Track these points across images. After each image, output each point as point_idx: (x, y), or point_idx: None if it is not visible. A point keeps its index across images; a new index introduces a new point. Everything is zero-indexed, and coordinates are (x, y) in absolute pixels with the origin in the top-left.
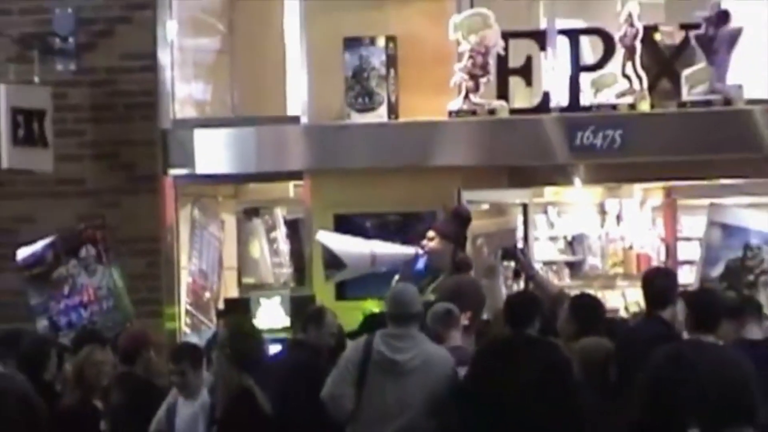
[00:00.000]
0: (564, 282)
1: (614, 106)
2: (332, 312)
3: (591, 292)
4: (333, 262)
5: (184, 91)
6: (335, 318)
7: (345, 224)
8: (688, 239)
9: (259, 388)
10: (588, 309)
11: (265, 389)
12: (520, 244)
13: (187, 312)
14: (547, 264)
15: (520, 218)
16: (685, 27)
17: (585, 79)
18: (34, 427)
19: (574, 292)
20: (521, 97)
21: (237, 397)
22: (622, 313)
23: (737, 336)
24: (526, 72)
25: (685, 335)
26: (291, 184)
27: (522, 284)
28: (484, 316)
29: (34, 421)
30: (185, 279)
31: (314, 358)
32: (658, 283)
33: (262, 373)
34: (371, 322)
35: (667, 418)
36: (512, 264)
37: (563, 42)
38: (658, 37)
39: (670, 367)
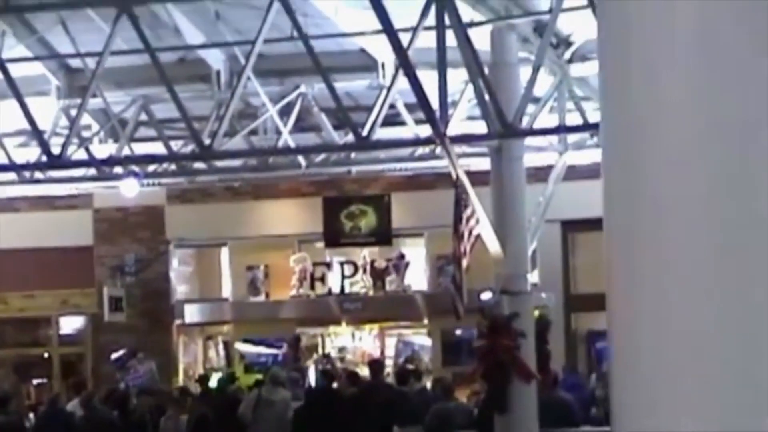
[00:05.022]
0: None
1: (358, 293)
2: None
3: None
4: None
5: (180, 289)
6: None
7: (251, 341)
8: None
9: (212, 414)
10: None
11: (217, 413)
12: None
13: (183, 380)
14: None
15: (320, 341)
16: (389, 260)
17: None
18: (114, 429)
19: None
20: (320, 290)
21: (199, 418)
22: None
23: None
24: (322, 280)
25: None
26: (225, 327)
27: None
28: None
29: (113, 425)
30: (182, 367)
31: (237, 398)
32: (377, 365)
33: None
34: (257, 381)
35: (386, 424)
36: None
37: (337, 269)
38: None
39: (388, 402)
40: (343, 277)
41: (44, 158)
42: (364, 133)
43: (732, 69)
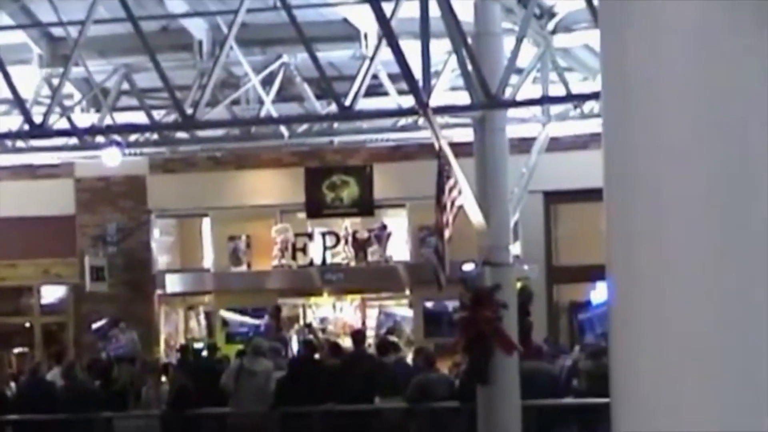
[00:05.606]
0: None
1: (340, 264)
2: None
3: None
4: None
5: (162, 259)
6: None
7: (234, 311)
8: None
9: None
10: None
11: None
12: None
13: (165, 350)
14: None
15: (301, 311)
16: (371, 231)
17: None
18: (95, 398)
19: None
20: (301, 261)
21: (180, 388)
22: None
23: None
24: (303, 250)
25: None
26: (206, 297)
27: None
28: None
29: (94, 395)
30: (163, 337)
31: (219, 368)
32: (360, 335)
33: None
34: (239, 352)
35: (368, 395)
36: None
37: (319, 240)
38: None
39: (370, 373)
40: (325, 247)
41: (26, 127)
42: (347, 103)
43: (732, 68)
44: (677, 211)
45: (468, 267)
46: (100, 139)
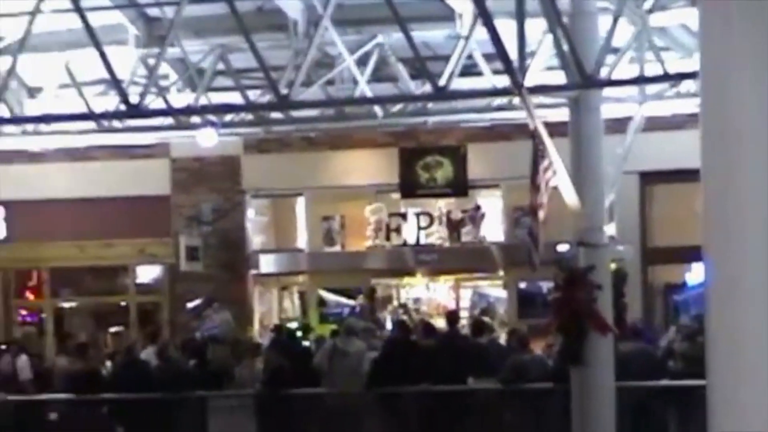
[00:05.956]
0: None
1: (433, 244)
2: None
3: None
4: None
5: (256, 239)
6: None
7: (328, 290)
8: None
9: (288, 364)
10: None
11: (292, 363)
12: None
13: (258, 330)
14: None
15: (395, 292)
16: (465, 211)
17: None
18: (189, 378)
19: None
20: (395, 241)
21: (275, 368)
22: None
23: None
24: (397, 231)
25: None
26: (300, 277)
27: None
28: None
29: (188, 374)
30: (257, 317)
31: (313, 348)
32: (454, 316)
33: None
34: (333, 332)
35: (466, 375)
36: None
37: (413, 220)
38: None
39: (464, 354)
40: (419, 228)
41: (122, 107)
42: (442, 83)
43: None
44: None
45: (562, 248)
46: (195, 119)
